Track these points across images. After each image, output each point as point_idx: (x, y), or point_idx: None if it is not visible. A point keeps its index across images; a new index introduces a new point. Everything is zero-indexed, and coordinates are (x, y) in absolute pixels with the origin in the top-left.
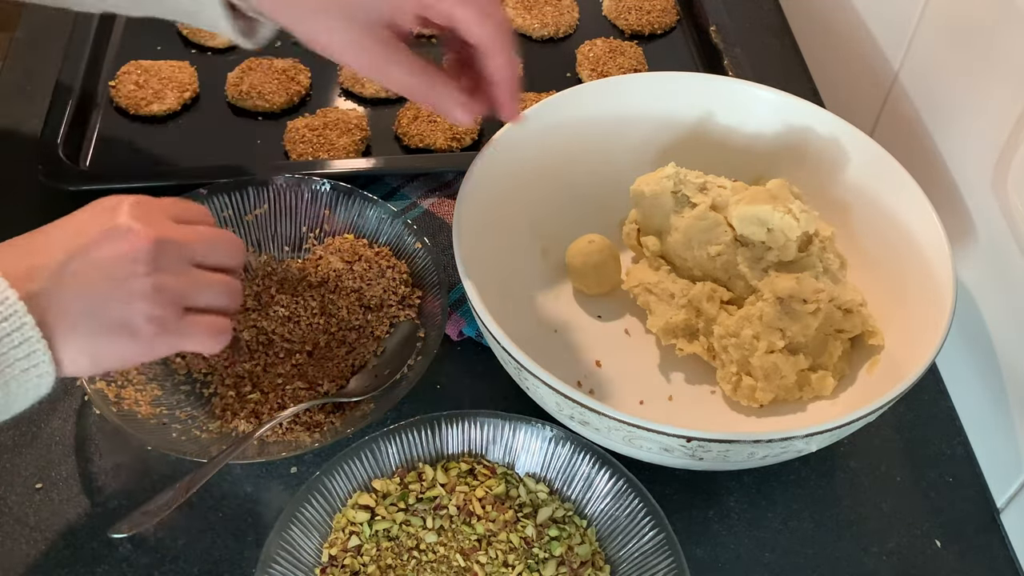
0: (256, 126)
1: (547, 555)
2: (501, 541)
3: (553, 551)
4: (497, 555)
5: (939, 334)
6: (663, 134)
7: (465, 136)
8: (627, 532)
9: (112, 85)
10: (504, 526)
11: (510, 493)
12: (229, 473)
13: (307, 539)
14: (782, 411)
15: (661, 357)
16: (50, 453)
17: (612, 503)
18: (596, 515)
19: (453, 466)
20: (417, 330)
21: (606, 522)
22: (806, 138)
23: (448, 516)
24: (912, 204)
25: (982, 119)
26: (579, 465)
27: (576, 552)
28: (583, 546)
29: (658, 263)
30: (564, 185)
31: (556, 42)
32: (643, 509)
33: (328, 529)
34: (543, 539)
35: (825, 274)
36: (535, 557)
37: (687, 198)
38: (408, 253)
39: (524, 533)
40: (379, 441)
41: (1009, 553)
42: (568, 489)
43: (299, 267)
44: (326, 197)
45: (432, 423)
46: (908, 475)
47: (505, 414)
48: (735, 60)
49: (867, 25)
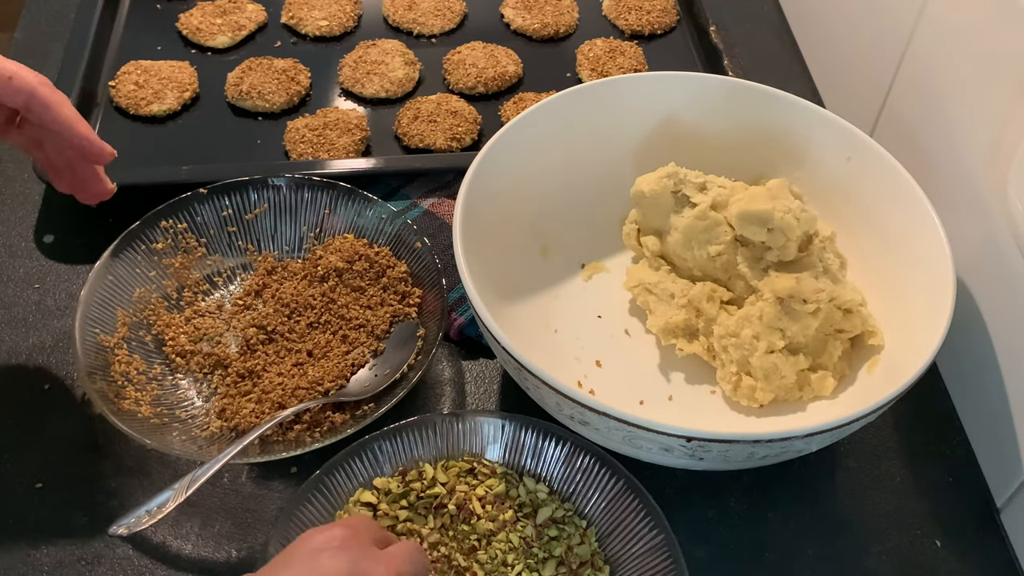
0: (256, 126)
1: (546, 555)
2: (501, 540)
3: (553, 551)
4: (497, 554)
5: (939, 334)
6: (663, 134)
7: (465, 136)
8: (626, 532)
9: (112, 85)
10: (504, 526)
11: (510, 493)
12: (229, 473)
13: None
14: (782, 411)
15: (661, 357)
16: (50, 453)
17: (611, 503)
18: (596, 515)
19: (453, 465)
20: (417, 330)
21: (605, 522)
22: (806, 138)
23: (448, 515)
24: (912, 204)
25: (982, 119)
26: (579, 465)
27: (575, 552)
28: (582, 546)
29: (658, 263)
30: (564, 185)
31: (556, 42)
32: (642, 510)
33: None
34: (543, 539)
35: (825, 274)
36: (535, 557)
37: (687, 198)
38: (408, 253)
39: (524, 533)
40: (380, 440)
41: (1009, 553)
42: (568, 489)
43: (299, 267)
44: (326, 197)
45: (432, 423)
46: (908, 475)
47: (505, 414)
48: (735, 60)
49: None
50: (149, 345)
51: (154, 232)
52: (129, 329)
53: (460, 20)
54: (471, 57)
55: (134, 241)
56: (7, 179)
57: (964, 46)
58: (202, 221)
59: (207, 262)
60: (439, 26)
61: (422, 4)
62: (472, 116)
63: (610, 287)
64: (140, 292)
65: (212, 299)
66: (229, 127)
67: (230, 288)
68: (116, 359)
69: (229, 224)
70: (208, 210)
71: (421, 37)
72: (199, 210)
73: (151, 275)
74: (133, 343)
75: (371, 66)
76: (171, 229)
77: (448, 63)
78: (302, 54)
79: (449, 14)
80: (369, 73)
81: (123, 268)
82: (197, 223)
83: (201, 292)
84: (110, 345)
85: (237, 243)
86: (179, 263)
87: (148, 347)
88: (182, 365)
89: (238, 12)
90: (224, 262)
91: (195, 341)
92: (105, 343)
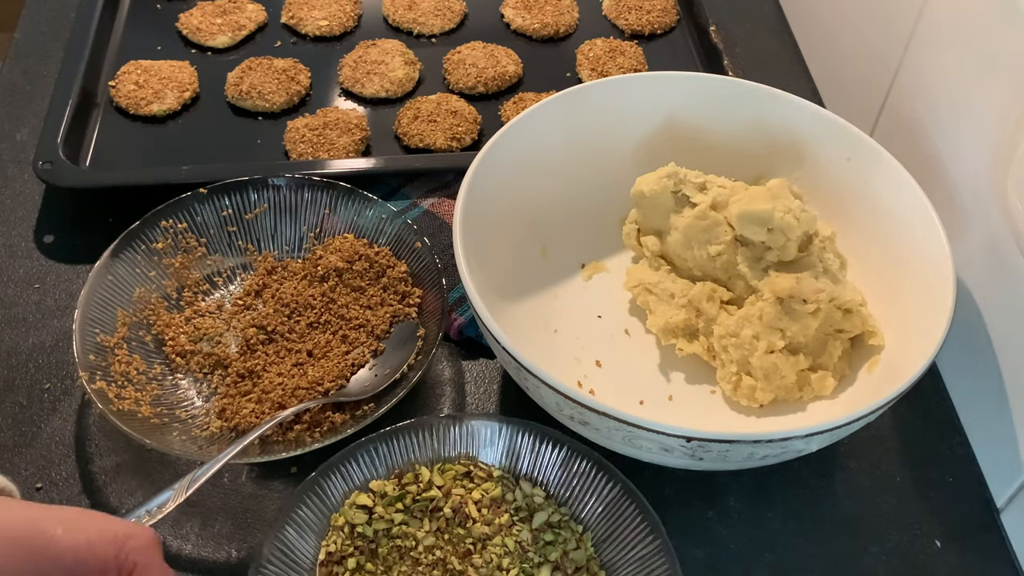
0: (256, 126)
1: (542, 559)
2: (496, 544)
3: (548, 556)
4: (492, 558)
5: (939, 334)
6: (663, 134)
7: (465, 136)
8: (623, 538)
9: (112, 85)
10: (500, 529)
11: (506, 496)
12: (229, 473)
13: (302, 539)
14: (782, 411)
15: (661, 357)
16: (50, 453)
17: (608, 508)
18: (592, 520)
19: (450, 468)
20: (417, 330)
21: (602, 527)
22: (806, 138)
23: (444, 518)
24: (912, 204)
25: (982, 119)
26: (576, 470)
27: (571, 557)
28: (578, 551)
29: (658, 263)
30: (564, 185)
31: (556, 42)
32: (639, 515)
33: (323, 529)
34: (539, 543)
35: (825, 274)
36: (530, 561)
37: (687, 198)
38: (408, 253)
39: (520, 537)
40: (375, 443)
41: (1009, 553)
42: (565, 493)
43: (299, 267)
44: (326, 197)
45: (429, 425)
46: (908, 475)
47: (502, 417)
48: (735, 60)
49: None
50: (149, 345)
51: (154, 232)
52: (129, 329)
53: (460, 20)
54: (471, 57)
55: (134, 241)
56: (7, 179)
57: (964, 46)
58: (202, 221)
59: (207, 262)
60: (439, 26)
61: (422, 4)
62: (472, 116)
63: (610, 287)
64: (140, 292)
65: (212, 299)
66: (229, 127)
67: (230, 288)
68: (116, 359)
69: (229, 224)
70: (208, 210)
71: (421, 37)
72: (199, 210)
73: (151, 275)
74: (133, 343)
75: (371, 66)
76: (171, 229)
77: (448, 63)
78: (302, 54)
79: (449, 14)
80: (369, 73)
81: (123, 268)
82: (197, 223)
83: (201, 292)
84: (110, 345)
85: (237, 243)
86: (179, 263)
87: (148, 347)
88: (182, 365)
89: (238, 12)
90: (224, 262)
91: (195, 341)
92: (105, 343)
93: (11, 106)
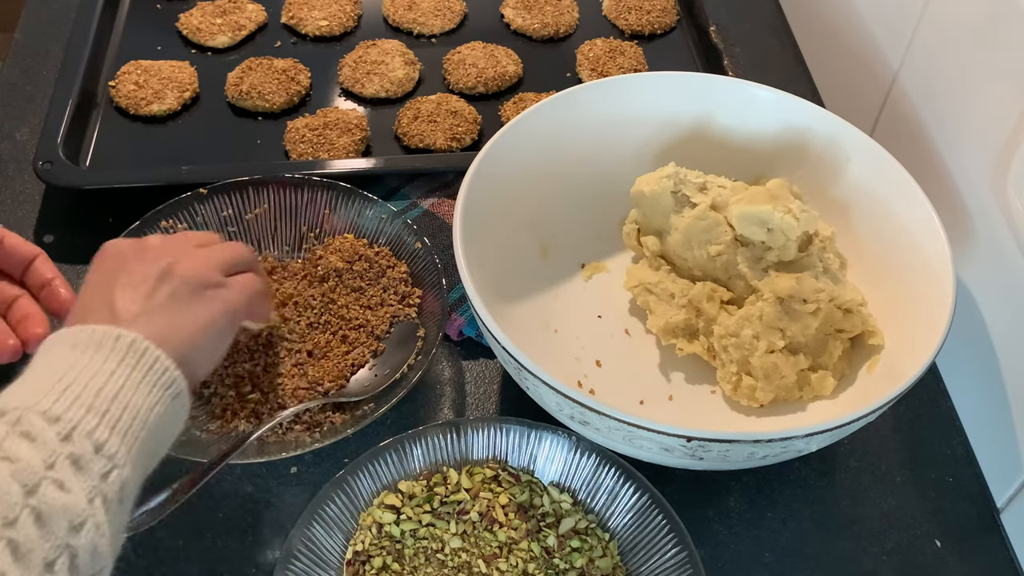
0: (256, 126)
1: (567, 566)
2: (522, 549)
3: (574, 562)
4: (517, 563)
5: (939, 334)
6: (663, 134)
7: (465, 136)
8: (649, 548)
9: (112, 85)
10: (526, 535)
11: (533, 502)
12: (229, 473)
13: (329, 537)
14: (782, 411)
15: (661, 357)
16: None
17: (636, 518)
18: (619, 528)
19: (478, 471)
20: (417, 330)
21: (629, 536)
22: (806, 138)
23: (471, 521)
24: (912, 204)
25: (982, 119)
26: (604, 477)
27: (597, 565)
28: (604, 559)
29: (658, 263)
30: (564, 185)
31: (556, 42)
32: (666, 526)
33: (350, 527)
34: (564, 550)
35: (825, 274)
36: (555, 568)
37: (687, 198)
38: (408, 253)
39: (545, 543)
40: (404, 443)
41: (1009, 553)
42: (592, 501)
43: (299, 267)
44: (326, 197)
45: (457, 427)
46: (908, 475)
47: (531, 422)
48: (735, 60)
49: (867, 25)
50: None
51: (154, 232)
52: None
53: (460, 20)
54: (471, 57)
55: None
56: (7, 179)
57: (964, 46)
58: (202, 221)
59: None
60: (439, 26)
61: (422, 4)
62: (472, 116)
63: (610, 287)
64: None
65: None
66: (229, 127)
67: None
68: None
69: (229, 224)
70: (208, 210)
71: (421, 37)
72: (199, 210)
73: None
74: None
75: (371, 66)
76: (171, 229)
77: (448, 63)
78: (302, 54)
79: (449, 14)
80: (369, 73)
81: None
82: (197, 223)
83: None
84: None
85: None
86: None
87: None
88: None
89: (238, 12)
90: None
91: None
92: None
93: (11, 106)
